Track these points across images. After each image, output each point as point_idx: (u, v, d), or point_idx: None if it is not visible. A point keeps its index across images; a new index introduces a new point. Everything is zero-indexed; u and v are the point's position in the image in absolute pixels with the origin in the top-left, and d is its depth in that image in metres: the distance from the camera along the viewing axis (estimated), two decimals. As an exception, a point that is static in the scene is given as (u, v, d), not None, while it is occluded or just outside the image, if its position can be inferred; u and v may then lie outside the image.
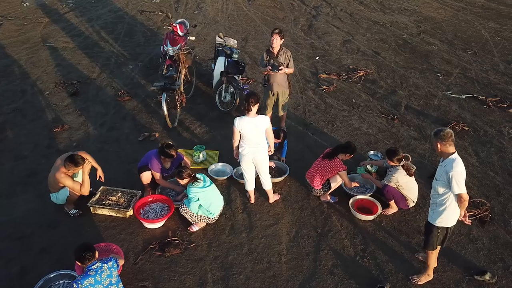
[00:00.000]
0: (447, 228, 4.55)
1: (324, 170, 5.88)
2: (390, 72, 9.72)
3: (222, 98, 8.03)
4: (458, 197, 4.30)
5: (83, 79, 9.10)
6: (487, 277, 4.92)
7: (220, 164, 6.69)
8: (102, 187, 5.95)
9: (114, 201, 5.76)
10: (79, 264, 4.19)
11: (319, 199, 6.10)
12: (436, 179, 4.41)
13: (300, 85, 9.10)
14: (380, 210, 5.76)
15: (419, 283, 4.87)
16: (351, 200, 5.93)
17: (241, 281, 4.91)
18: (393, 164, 5.78)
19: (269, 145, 5.79)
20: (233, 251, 5.28)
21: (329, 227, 5.67)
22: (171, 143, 6.00)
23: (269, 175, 5.92)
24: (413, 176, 5.85)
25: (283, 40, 6.82)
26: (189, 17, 12.48)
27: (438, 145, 4.31)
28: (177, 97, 7.63)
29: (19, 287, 4.79)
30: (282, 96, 7.09)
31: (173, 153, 5.80)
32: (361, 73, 9.58)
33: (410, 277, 4.93)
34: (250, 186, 5.94)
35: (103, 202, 5.73)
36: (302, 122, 7.90)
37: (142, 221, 5.52)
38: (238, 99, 7.90)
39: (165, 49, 8.56)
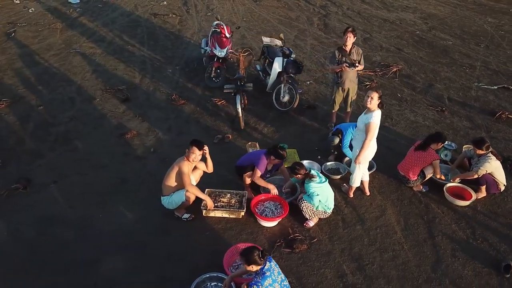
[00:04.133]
0: None
1: (419, 161, 6.18)
2: (420, 67, 10.20)
3: (281, 98, 8.14)
4: None
5: (127, 85, 8.93)
6: None
7: (305, 161, 6.81)
8: (207, 189, 5.94)
9: (226, 202, 5.79)
10: (254, 267, 4.15)
11: (411, 189, 6.38)
12: None
13: (343, 82, 9.36)
14: (474, 196, 6.13)
15: (538, 259, 5.25)
16: (445, 187, 6.25)
17: (376, 270, 5.10)
18: (481, 152, 6.14)
19: None
20: (356, 243, 5.46)
21: (432, 214, 5.97)
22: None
23: (366, 167, 6.16)
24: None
25: (355, 38, 7.07)
26: (204, 19, 12.46)
27: None
28: (242, 99, 7.68)
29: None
30: (352, 92, 7.34)
31: (284, 154, 5.89)
32: (395, 69, 9.99)
33: (527, 254, 5.31)
34: (359, 183, 6.14)
35: (215, 204, 5.73)
36: (360, 118, 8.16)
37: (262, 220, 5.57)
38: (298, 98, 8.05)
39: (216, 52, 8.57)
